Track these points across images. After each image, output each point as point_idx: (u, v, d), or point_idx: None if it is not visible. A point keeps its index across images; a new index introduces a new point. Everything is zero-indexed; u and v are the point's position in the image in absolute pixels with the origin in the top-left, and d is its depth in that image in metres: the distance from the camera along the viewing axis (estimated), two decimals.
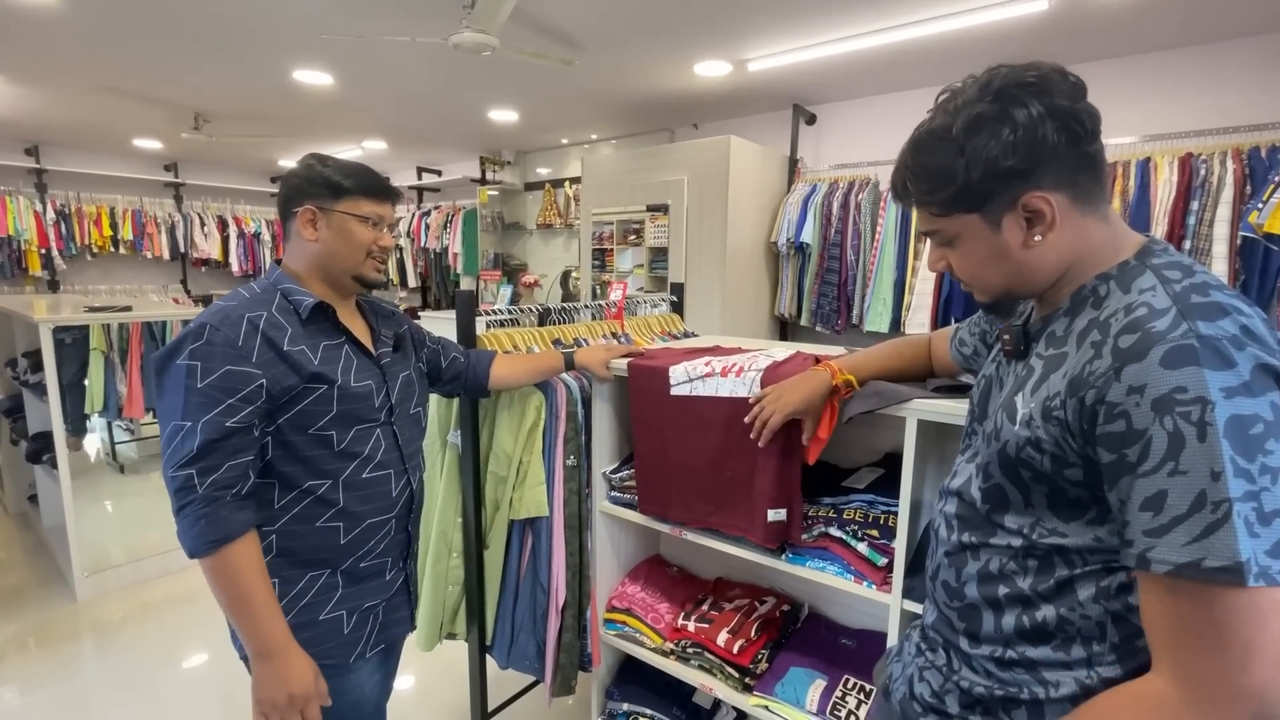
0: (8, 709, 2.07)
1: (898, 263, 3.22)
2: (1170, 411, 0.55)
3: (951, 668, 0.78)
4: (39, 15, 2.55)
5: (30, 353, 3.04)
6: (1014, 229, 0.68)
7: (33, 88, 3.65)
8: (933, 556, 0.84)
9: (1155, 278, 0.63)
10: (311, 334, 1.07)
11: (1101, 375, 0.60)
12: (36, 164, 5.25)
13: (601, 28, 2.70)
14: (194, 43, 2.91)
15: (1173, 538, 0.55)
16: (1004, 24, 2.54)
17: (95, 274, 5.84)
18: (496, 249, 5.53)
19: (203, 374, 0.95)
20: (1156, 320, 0.58)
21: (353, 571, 1.12)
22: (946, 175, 0.68)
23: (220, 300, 1.06)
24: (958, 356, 1.06)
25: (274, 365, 1.01)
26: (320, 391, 1.05)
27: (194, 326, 0.99)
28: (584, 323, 1.88)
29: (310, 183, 1.09)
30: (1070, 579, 0.67)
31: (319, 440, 1.06)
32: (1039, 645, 0.69)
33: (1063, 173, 0.66)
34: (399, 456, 1.17)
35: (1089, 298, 0.68)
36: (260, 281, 1.11)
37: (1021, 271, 0.71)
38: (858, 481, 1.38)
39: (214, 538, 0.95)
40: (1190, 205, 2.52)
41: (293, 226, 1.10)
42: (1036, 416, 0.66)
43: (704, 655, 1.49)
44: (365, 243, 1.11)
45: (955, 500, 0.79)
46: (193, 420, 0.94)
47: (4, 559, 3.10)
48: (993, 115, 0.65)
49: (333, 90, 3.65)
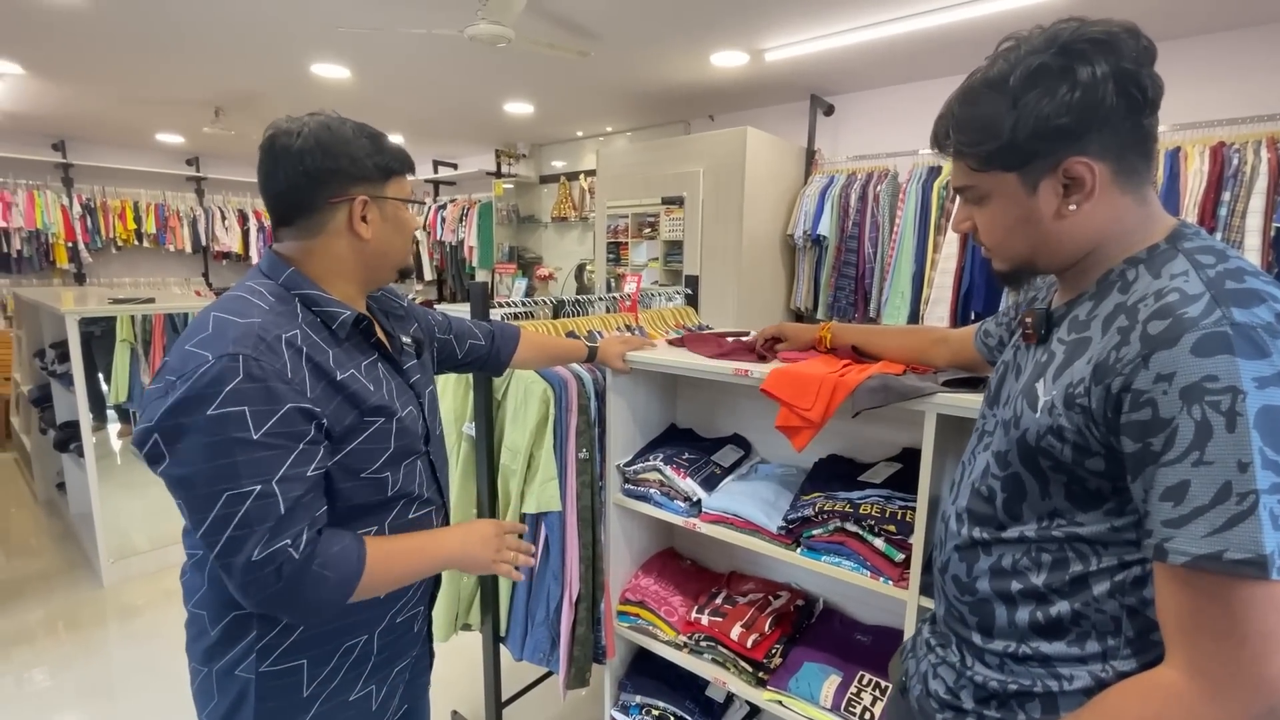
0: (38, 690, 2.13)
1: (916, 255, 3.17)
2: (1199, 400, 0.54)
3: (965, 663, 0.77)
4: (65, 11, 2.59)
5: (58, 343, 3.10)
6: (1049, 195, 0.66)
7: (59, 83, 3.72)
8: (941, 549, 0.82)
9: (1188, 262, 0.61)
10: (350, 354, 0.86)
11: (1129, 362, 0.58)
12: (63, 159, 5.35)
13: (617, 18, 2.68)
14: (213, 36, 2.94)
15: (1193, 529, 0.54)
16: (1027, 9, 2.48)
17: (120, 267, 5.95)
18: (511, 242, 5.54)
19: (255, 420, 0.72)
20: (1189, 306, 0.56)
21: (389, 630, 0.95)
22: (993, 128, 0.65)
23: (223, 313, 0.77)
24: (982, 348, 1.04)
25: (329, 399, 0.80)
26: (377, 426, 0.85)
27: (219, 360, 0.72)
28: (598, 315, 1.88)
29: (357, 162, 0.84)
30: (1085, 574, 0.66)
31: (373, 484, 0.86)
32: (1054, 640, 0.68)
33: (1112, 142, 0.63)
34: (438, 490, 1.00)
35: (1116, 282, 0.66)
36: (264, 283, 0.84)
37: (1049, 242, 0.69)
38: (874, 476, 1.36)
39: (349, 570, 0.77)
40: (1222, 196, 2.45)
41: (327, 218, 0.84)
42: (1059, 404, 0.64)
43: (717, 649, 1.49)
44: (414, 230, 0.95)
45: (968, 492, 0.78)
46: (262, 481, 0.72)
47: (34, 545, 3.18)
48: (1055, 69, 0.62)
49: (350, 83, 3.67)
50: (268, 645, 0.84)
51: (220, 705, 0.87)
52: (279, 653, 0.85)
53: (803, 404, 1.17)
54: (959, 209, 0.76)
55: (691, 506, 1.48)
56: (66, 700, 2.08)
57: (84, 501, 2.88)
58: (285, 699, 0.86)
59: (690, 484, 1.48)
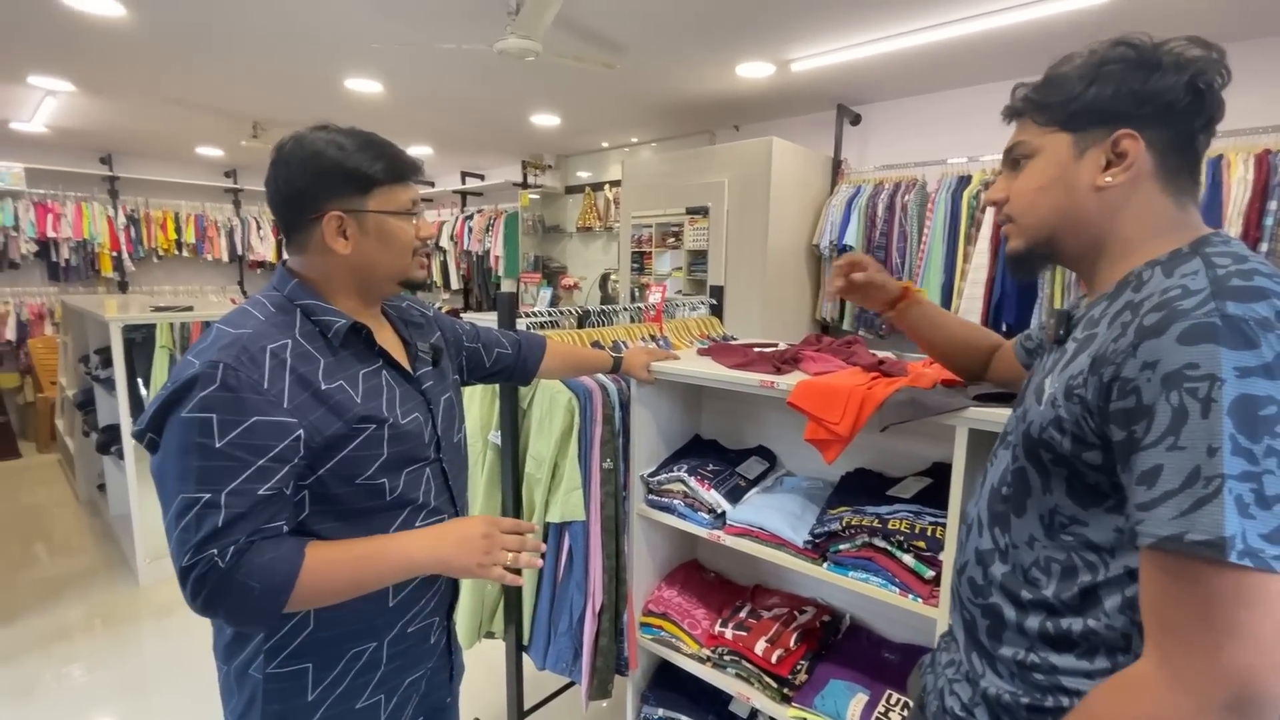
0: (75, 685, 2.19)
1: (946, 265, 3.13)
2: (1178, 387, 0.54)
3: (976, 671, 0.76)
4: (111, 30, 2.71)
5: (102, 349, 3.21)
6: (1092, 164, 0.68)
7: (107, 100, 3.87)
8: (962, 551, 0.82)
9: (1201, 263, 0.61)
10: (346, 362, 0.87)
11: (1122, 352, 0.59)
12: (110, 172, 5.56)
13: (644, 31, 2.71)
14: (253, 54, 3.04)
15: (1161, 511, 0.54)
16: (1055, 19, 2.44)
17: (160, 275, 6.15)
18: (537, 251, 5.60)
19: (221, 429, 0.74)
20: (1186, 300, 0.57)
21: (400, 639, 0.94)
22: (1068, 87, 0.68)
23: (223, 323, 0.81)
24: (1020, 353, 1.02)
25: (311, 409, 0.80)
26: (368, 433, 0.85)
27: (201, 367, 0.75)
28: (622, 325, 1.88)
29: (326, 177, 0.84)
30: (1094, 586, 0.65)
31: (368, 491, 0.86)
32: (1062, 653, 0.67)
33: (1165, 138, 0.66)
34: (449, 498, 0.99)
35: (1131, 282, 0.66)
36: (270, 295, 0.87)
37: (1076, 212, 0.69)
38: (904, 491, 1.34)
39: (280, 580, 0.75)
40: (1268, 205, 2.37)
41: (309, 235, 0.86)
42: (1059, 395, 0.65)
43: (741, 663, 1.47)
44: (409, 242, 0.90)
45: (988, 493, 0.78)
46: (211, 490, 0.73)
47: (74, 544, 3.28)
48: (1143, 61, 0.65)
49: (382, 97, 3.76)
50: (274, 646, 0.86)
51: (238, 704, 0.89)
52: (285, 655, 0.86)
53: (830, 417, 1.16)
54: (998, 180, 0.77)
55: (716, 518, 1.47)
56: (101, 696, 2.14)
57: (123, 503, 2.97)
58: (290, 702, 0.87)
59: (715, 495, 1.47)
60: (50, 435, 4.77)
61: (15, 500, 3.88)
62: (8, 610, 2.63)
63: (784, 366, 1.40)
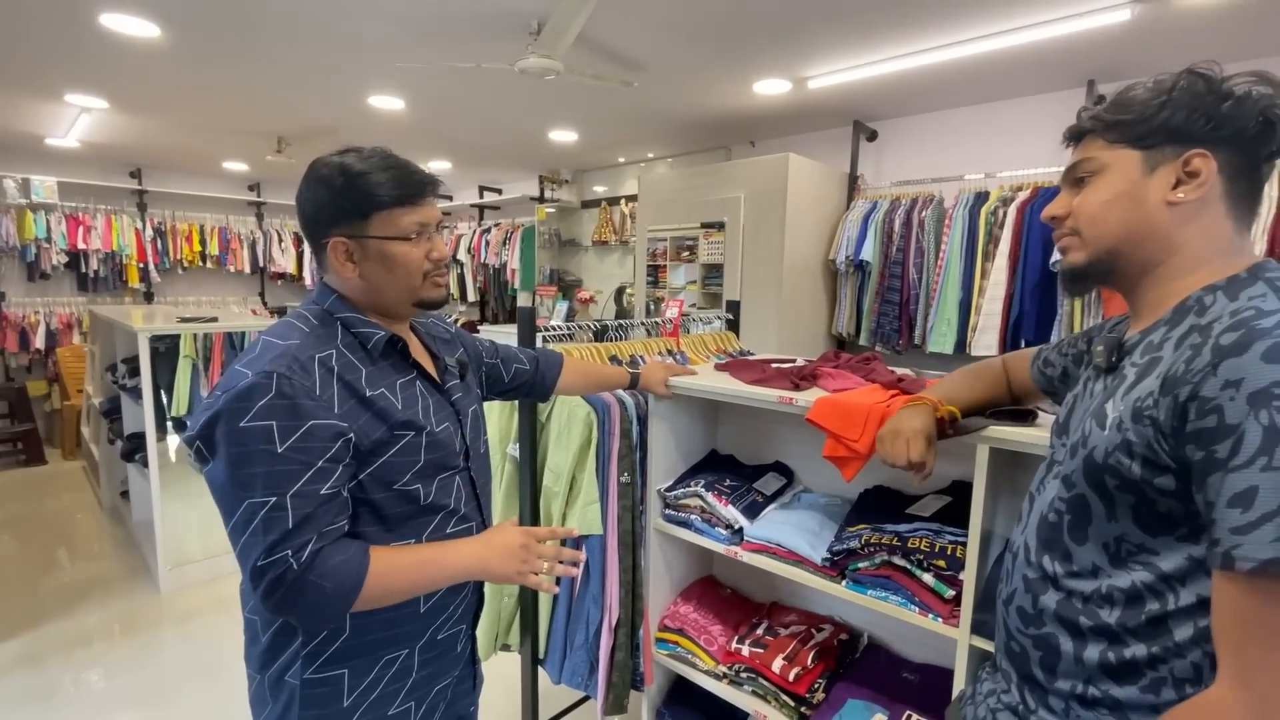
0: (94, 690, 2.22)
1: (963, 282, 3.11)
2: (1267, 405, 0.53)
3: (1027, 706, 0.74)
4: (146, 51, 2.80)
5: (129, 358, 3.28)
6: (1163, 181, 0.69)
7: (138, 116, 3.99)
8: (1008, 581, 0.80)
9: (1267, 287, 0.62)
10: (384, 372, 0.91)
11: (1199, 371, 0.58)
12: (139, 185, 5.70)
13: (662, 49, 2.75)
14: (280, 72, 3.12)
15: (1261, 534, 0.53)
16: (1079, 35, 2.44)
17: (184, 286, 6.28)
18: (553, 265, 5.65)
19: (281, 435, 0.78)
20: (1263, 320, 0.57)
21: (430, 646, 0.97)
22: (1142, 106, 0.69)
23: (269, 336, 0.86)
24: (1039, 378, 1.02)
25: (358, 414, 0.85)
26: (407, 440, 0.89)
27: (255, 377, 0.78)
28: (639, 339, 1.90)
29: (331, 205, 0.87)
30: (1164, 615, 0.63)
31: (404, 496, 0.90)
32: (1125, 685, 0.65)
33: (1236, 162, 0.67)
34: (476, 506, 1.02)
35: (1193, 307, 0.66)
36: (311, 309, 0.92)
37: (1143, 227, 0.70)
38: (923, 509, 1.33)
39: (350, 582, 0.79)
40: None
41: (324, 259, 0.91)
42: (1126, 419, 0.64)
43: (758, 681, 1.46)
44: (417, 265, 0.91)
45: (1036, 521, 0.76)
46: (277, 494, 0.77)
47: (96, 550, 3.34)
48: (1215, 90, 0.66)
49: (404, 114, 3.84)
50: (312, 652, 0.88)
51: (273, 712, 0.90)
52: (322, 660, 0.88)
53: (850, 434, 1.16)
54: (1059, 196, 0.78)
55: (733, 534, 1.47)
56: (120, 702, 2.16)
57: (146, 509, 3.02)
58: (327, 708, 0.89)
59: (732, 511, 1.47)
60: (75, 442, 4.86)
61: (40, 505, 3.96)
62: (30, 615, 2.67)
63: (802, 383, 1.40)
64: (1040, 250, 2.85)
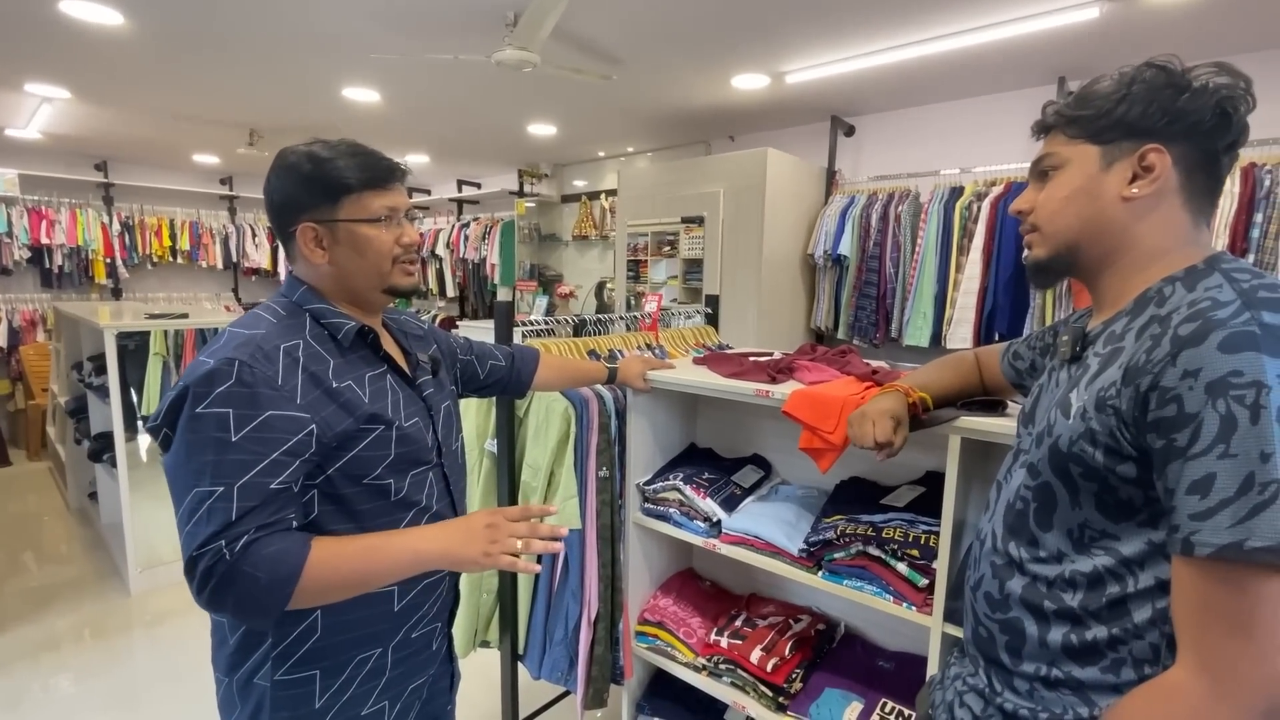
0: (63, 696, 2.17)
1: (939, 276, 3.15)
2: (1224, 394, 0.55)
3: (993, 689, 0.76)
4: (110, 39, 2.71)
5: (95, 356, 3.20)
6: (1119, 177, 0.70)
7: (103, 107, 3.87)
8: (975, 567, 0.82)
9: (1223, 278, 0.63)
10: (353, 364, 0.89)
11: (1159, 362, 0.60)
12: (105, 179, 5.55)
13: (640, 43, 2.74)
14: (251, 63, 3.05)
15: (1218, 520, 0.54)
16: (1050, 32, 2.48)
17: (154, 282, 6.13)
18: (533, 260, 5.62)
19: (237, 423, 0.76)
20: (1219, 310, 0.58)
21: (403, 645, 0.95)
22: (1100, 102, 0.71)
23: (236, 327, 0.84)
24: (1009, 371, 1.03)
25: (323, 406, 0.83)
26: (377, 434, 0.87)
27: (217, 364, 0.77)
28: (618, 334, 1.89)
29: (299, 191, 0.87)
30: (1123, 598, 0.65)
31: (375, 491, 0.88)
32: (1086, 666, 0.67)
33: (1191, 155, 0.68)
34: (450, 503, 1.01)
35: (1153, 298, 0.68)
36: (279, 301, 0.91)
37: (1100, 221, 0.71)
38: (897, 500, 1.35)
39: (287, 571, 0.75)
40: (1254, 218, 2.41)
41: (294, 247, 0.90)
42: (1090, 408, 0.66)
43: (736, 672, 1.47)
44: (387, 249, 0.90)
45: (1003, 509, 0.78)
46: (225, 484, 0.75)
47: (64, 553, 3.25)
48: (1174, 83, 0.67)
49: (379, 106, 3.78)
50: (282, 653, 0.86)
51: (242, 715, 0.89)
52: (293, 661, 0.86)
53: (825, 426, 1.17)
54: (1026, 191, 0.79)
55: (711, 527, 1.48)
56: (91, 708, 2.11)
57: (115, 511, 2.95)
58: (299, 709, 0.88)
59: (710, 504, 1.47)
60: (41, 443, 4.73)
61: (4, 509, 3.85)
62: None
63: (779, 376, 1.41)
64: (1013, 244, 2.90)
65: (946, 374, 1.12)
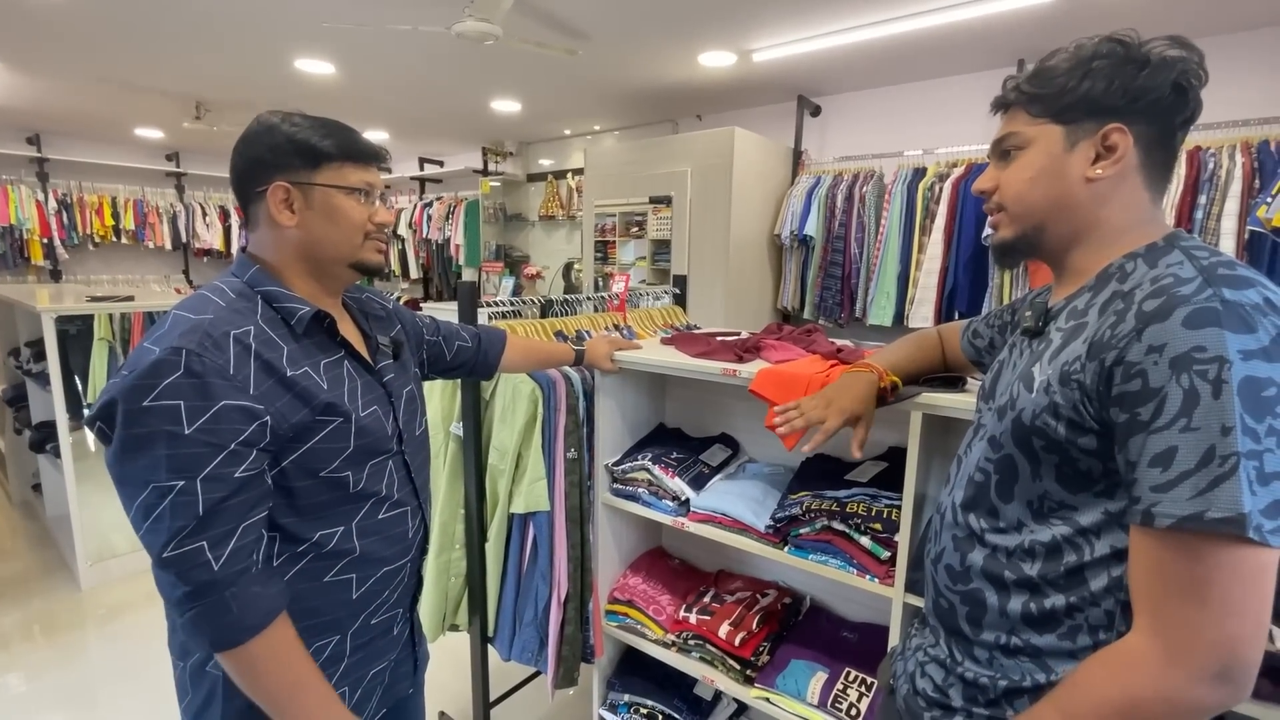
0: (13, 696, 2.09)
1: (901, 256, 3.21)
2: (1188, 369, 0.56)
3: (954, 659, 0.78)
4: (40, 2, 2.54)
5: (33, 342, 3.04)
6: (1083, 157, 0.70)
7: (34, 76, 3.64)
8: (936, 540, 0.83)
9: (1183, 255, 0.64)
10: (308, 350, 0.85)
11: (1124, 337, 0.61)
12: (38, 153, 5.24)
13: (605, 17, 2.68)
14: (195, 31, 2.89)
15: (1179, 492, 0.56)
16: (1011, 14, 2.52)
17: (97, 264, 5.84)
18: (499, 240, 5.52)
19: (190, 415, 0.72)
20: (1182, 287, 0.59)
21: (362, 631, 0.94)
22: (1061, 80, 0.70)
23: (181, 310, 0.79)
24: (969, 349, 1.05)
25: (277, 396, 0.79)
26: (334, 426, 0.85)
27: (163, 353, 0.72)
28: (586, 315, 1.88)
29: (276, 150, 0.84)
30: (1080, 566, 0.67)
31: (332, 483, 0.86)
32: (1045, 633, 0.69)
33: (1150, 133, 0.69)
34: (412, 490, 0.98)
35: (1115, 274, 0.69)
36: (229, 281, 0.85)
37: (1065, 201, 0.72)
38: (861, 475, 1.38)
39: (253, 622, 0.75)
40: (1198, 199, 2.50)
41: (259, 210, 0.86)
42: (1054, 382, 0.67)
43: (705, 647, 1.49)
44: (360, 222, 0.89)
45: (964, 482, 0.79)
46: (186, 477, 0.72)
47: (8, 548, 3.11)
48: (1131, 57, 0.68)
49: (334, 79, 3.63)
50: None
51: (194, 700, 0.87)
52: None
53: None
54: (987, 170, 0.79)
55: (680, 506, 1.49)
56: (44, 706, 2.04)
57: (61, 503, 2.83)
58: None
59: (679, 483, 1.48)
60: None
61: None
62: None
63: (746, 355, 1.42)
64: (974, 225, 2.96)
65: (914, 352, 1.13)
